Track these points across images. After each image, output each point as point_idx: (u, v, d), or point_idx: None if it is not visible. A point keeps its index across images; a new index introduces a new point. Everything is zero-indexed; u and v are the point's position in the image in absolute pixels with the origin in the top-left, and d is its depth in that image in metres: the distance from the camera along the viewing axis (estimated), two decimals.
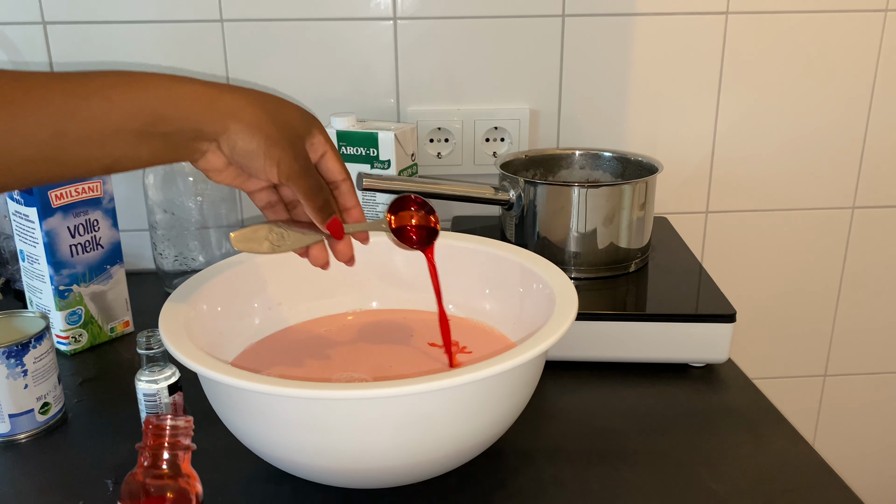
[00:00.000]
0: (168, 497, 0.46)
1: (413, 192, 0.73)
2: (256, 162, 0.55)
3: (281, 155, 0.55)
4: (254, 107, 0.55)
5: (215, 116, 0.54)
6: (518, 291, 0.72)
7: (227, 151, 0.55)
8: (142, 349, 0.66)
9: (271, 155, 0.55)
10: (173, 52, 1.01)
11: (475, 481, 0.63)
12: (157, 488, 0.46)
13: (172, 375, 0.67)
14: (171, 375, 0.66)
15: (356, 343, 0.73)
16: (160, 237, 0.95)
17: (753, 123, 1.08)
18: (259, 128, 0.54)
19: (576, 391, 0.77)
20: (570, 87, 1.05)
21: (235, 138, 0.54)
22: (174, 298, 0.65)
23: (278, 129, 0.55)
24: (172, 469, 0.47)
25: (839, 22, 1.04)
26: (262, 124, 0.55)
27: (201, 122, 0.53)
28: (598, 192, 0.86)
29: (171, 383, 0.66)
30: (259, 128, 0.54)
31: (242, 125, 0.54)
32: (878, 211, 1.14)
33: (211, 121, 0.54)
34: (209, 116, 0.53)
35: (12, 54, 1.00)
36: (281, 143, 0.55)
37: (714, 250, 1.14)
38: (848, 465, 1.27)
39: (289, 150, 0.56)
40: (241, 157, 0.55)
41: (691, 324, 0.78)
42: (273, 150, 0.55)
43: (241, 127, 0.54)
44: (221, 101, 0.54)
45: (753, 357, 1.20)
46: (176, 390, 0.67)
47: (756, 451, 0.67)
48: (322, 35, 1.01)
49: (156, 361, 0.66)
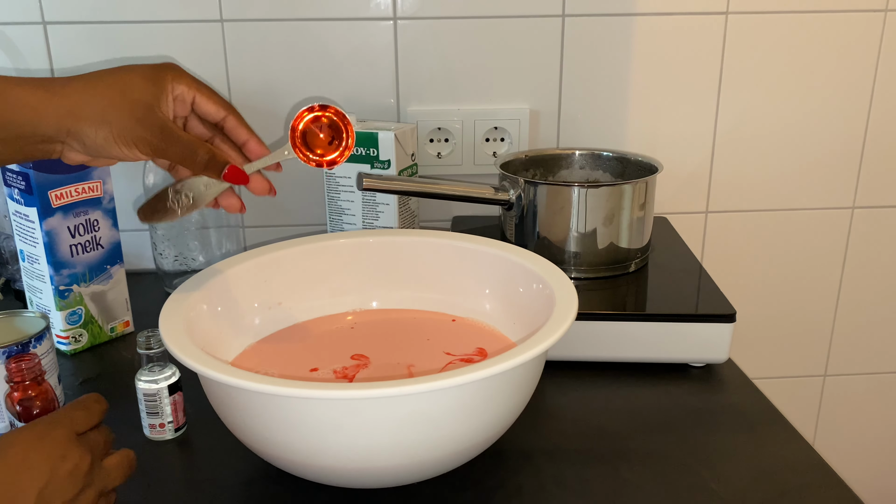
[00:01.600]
0: (36, 404, 0.61)
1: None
2: (113, 151, 0.54)
3: (134, 135, 0.54)
4: (92, 97, 0.54)
5: (51, 120, 0.53)
6: (518, 291, 0.72)
7: (80, 148, 0.55)
8: (142, 349, 0.66)
9: (123, 140, 0.54)
10: (173, 53, 1.01)
11: (475, 481, 0.63)
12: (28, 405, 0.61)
13: (172, 375, 0.67)
14: (171, 375, 0.67)
15: (356, 343, 0.73)
16: (160, 237, 0.95)
17: (753, 123, 1.08)
18: (102, 118, 0.53)
19: (576, 391, 0.77)
20: (570, 87, 1.05)
21: (81, 136, 0.54)
22: (174, 298, 0.65)
23: (123, 111, 0.54)
24: (33, 389, 0.62)
25: (839, 22, 1.04)
26: (104, 113, 0.53)
27: (37, 126, 0.53)
28: (598, 192, 0.86)
29: (172, 383, 0.66)
30: (102, 118, 0.53)
31: (83, 122, 0.53)
32: (878, 211, 1.14)
33: (48, 125, 0.53)
34: (45, 121, 0.53)
35: (12, 54, 1.00)
36: (129, 124, 0.54)
37: (714, 250, 1.14)
38: (848, 465, 1.27)
39: (140, 127, 0.54)
40: (96, 150, 0.55)
41: (691, 324, 0.78)
42: (123, 134, 0.54)
43: (82, 125, 0.53)
44: (53, 102, 0.53)
45: (753, 357, 1.20)
46: (176, 390, 0.67)
47: (756, 450, 0.67)
48: (322, 35, 1.01)
49: (156, 361, 0.66)
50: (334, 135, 0.61)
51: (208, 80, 1.02)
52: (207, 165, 0.57)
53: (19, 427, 0.52)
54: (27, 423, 0.52)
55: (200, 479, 0.61)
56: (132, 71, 0.56)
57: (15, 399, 0.60)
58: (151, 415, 0.67)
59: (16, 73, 1.00)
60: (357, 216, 0.97)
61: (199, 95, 0.58)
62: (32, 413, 0.60)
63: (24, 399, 0.60)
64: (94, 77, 0.55)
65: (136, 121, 0.54)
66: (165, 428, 0.67)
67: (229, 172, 0.57)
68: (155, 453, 0.67)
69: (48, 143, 0.55)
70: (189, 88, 0.57)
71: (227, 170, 0.57)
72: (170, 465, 0.66)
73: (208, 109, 0.58)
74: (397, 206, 0.95)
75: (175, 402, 0.67)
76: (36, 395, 0.60)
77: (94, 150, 0.55)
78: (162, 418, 0.67)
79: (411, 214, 0.99)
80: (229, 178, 0.57)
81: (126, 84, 0.55)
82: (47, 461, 0.49)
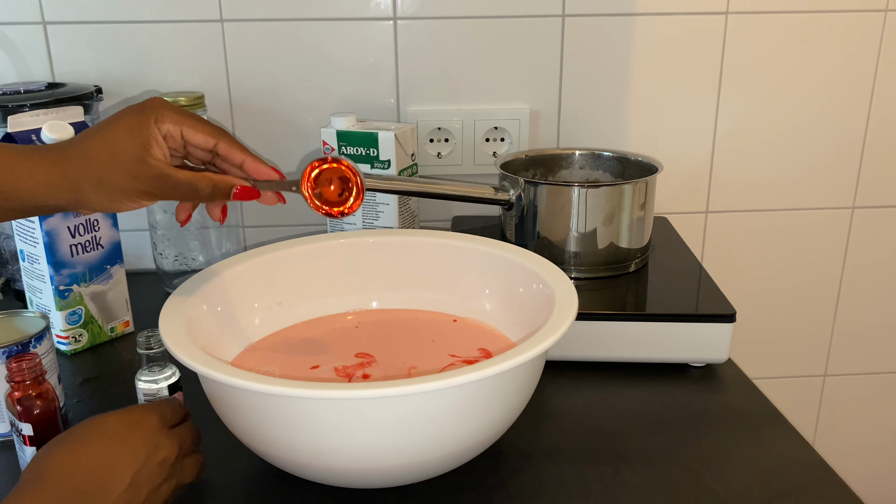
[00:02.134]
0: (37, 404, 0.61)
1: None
2: (121, 207, 0.58)
3: (134, 191, 0.57)
4: (86, 167, 0.56)
5: (59, 193, 0.57)
6: (518, 291, 0.72)
7: (89, 210, 0.59)
8: (142, 349, 0.66)
9: (126, 197, 0.57)
10: (173, 53, 1.01)
11: (475, 481, 0.63)
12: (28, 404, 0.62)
13: (172, 375, 0.67)
14: (171, 375, 0.66)
15: (356, 343, 0.73)
16: (160, 237, 0.95)
17: (753, 123, 1.08)
18: (100, 185, 0.56)
19: (576, 391, 0.77)
20: (570, 87, 1.05)
21: (88, 203, 0.57)
22: (174, 298, 0.65)
23: (117, 172, 0.56)
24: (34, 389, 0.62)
25: (839, 22, 1.04)
26: (101, 181, 0.56)
27: (47, 200, 0.57)
28: (598, 192, 0.86)
29: (172, 383, 0.66)
30: (100, 185, 0.56)
31: (85, 192, 0.56)
32: (878, 211, 1.14)
33: (57, 198, 0.57)
34: (53, 194, 0.57)
35: (12, 54, 1.00)
36: (126, 183, 0.56)
37: (714, 250, 1.14)
38: (848, 465, 1.27)
39: (138, 182, 0.56)
40: (109, 211, 0.58)
41: (691, 324, 0.78)
42: (124, 193, 0.57)
43: (85, 194, 0.57)
44: (54, 180, 0.56)
45: (753, 357, 1.20)
46: (176, 390, 0.67)
47: (756, 450, 0.67)
48: (322, 35, 1.01)
49: (156, 361, 0.66)
50: (344, 188, 0.63)
51: (208, 80, 1.02)
52: (213, 194, 0.59)
53: (110, 411, 0.55)
54: (118, 410, 0.55)
55: (200, 479, 0.61)
56: (117, 124, 0.57)
57: (15, 398, 0.60)
58: None
59: (16, 74, 1.00)
60: (357, 216, 0.97)
61: (186, 129, 0.59)
62: (33, 413, 0.60)
63: (25, 398, 0.60)
64: (81, 145, 0.57)
65: (132, 178, 0.56)
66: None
67: (240, 192, 0.60)
68: None
69: (61, 209, 0.59)
70: (174, 125, 0.58)
71: (237, 191, 0.59)
72: None
73: (197, 141, 0.59)
74: (397, 206, 0.95)
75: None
76: (36, 394, 0.60)
77: (106, 211, 0.59)
78: None
79: (411, 214, 0.99)
80: (240, 196, 0.60)
81: (113, 142, 0.57)
82: (144, 447, 0.53)
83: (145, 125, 0.57)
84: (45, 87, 0.95)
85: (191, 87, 1.02)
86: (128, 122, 0.57)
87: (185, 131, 0.59)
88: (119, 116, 0.58)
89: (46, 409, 0.60)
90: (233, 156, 0.61)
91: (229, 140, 0.61)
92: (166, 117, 0.58)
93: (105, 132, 0.57)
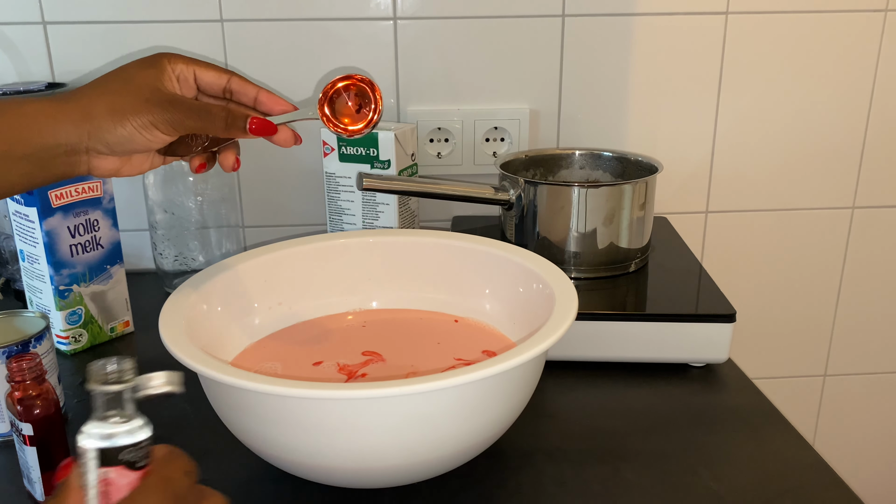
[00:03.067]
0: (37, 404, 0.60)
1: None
2: (136, 139, 0.55)
3: (149, 117, 0.54)
4: (99, 95, 0.55)
5: (69, 127, 0.54)
6: (518, 291, 0.72)
7: (106, 149, 0.55)
8: (96, 383, 0.39)
9: (141, 124, 0.54)
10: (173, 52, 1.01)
11: (475, 481, 0.63)
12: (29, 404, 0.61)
13: (139, 430, 0.39)
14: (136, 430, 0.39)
15: (356, 343, 0.73)
16: (160, 237, 0.95)
17: (753, 123, 1.08)
18: (114, 110, 0.54)
19: (576, 391, 0.77)
20: (570, 87, 1.05)
21: (101, 134, 0.54)
22: (174, 298, 0.65)
23: (130, 97, 0.55)
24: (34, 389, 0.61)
25: (839, 22, 1.04)
26: (114, 105, 0.54)
27: (58, 135, 0.54)
28: (598, 192, 0.86)
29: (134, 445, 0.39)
30: (114, 110, 0.54)
31: (98, 119, 0.54)
32: (878, 211, 1.14)
33: (67, 132, 0.54)
34: (64, 128, 0.54)
35: (12, 54, 1.00)
36: (140, 107, 0.54)
37: (714, 250, 1.14)
38: (848, 465, 1.27)
39: (151, 105, 0.55)
40: (121, 146, 0.55)
41: (691, 324, 0.78)
42: (138, 119, 0.54)
43: (98, 122, 0.54)
44: (67, 109, 0.54)
45: (753, 357, 1.19)
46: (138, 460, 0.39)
47: (756, 451, 0.67)
48: (322, 35, 1.01)
49: (118, 405, 0.39)
50: (362, 103, 0.60)
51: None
52: (228, 123, 0.56)
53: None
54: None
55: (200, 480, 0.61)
56: (128, 65, 0.57)
57: (15, 398, 0.60)
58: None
59: (16, 74, 1.00)
60: (357, 216, 0.97)
61: (198, 69, 0.58)
62: (33, 413, 0.60)
63: (25, 398, 0.60)
64: (95, 82, 0.57)
65: (145, 101, 0.54)
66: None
67: (255, 124, 0.57)
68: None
69: (72, 155, 0.55)
70: (187, 65, 0.58)
71: (252, 122, 0.56)
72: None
73: (210, 79, 0.59)
74: (397, 206, 0.95)
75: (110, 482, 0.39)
76: (37, 394, 0.60)
77: (118, 146, 0.55)
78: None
79: (411, 214, 0.99)
80: (256, 130, 0.57)
81: (126, 75, 0.56)
82: None
83: (158, 61, 0.57)
84: (45, 87, 0.95)
85: None
86: (139, 61, 0.57)
87: (197, 71, 0.58)
88: (128, 63, 0.58)
89: (46, 409, 0.60)
90: (247, 89, 0.60)
91: (241, 77, 0.60)
92: (178, 59, 0.58)
93: (116, 72, 0.57)
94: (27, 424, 0.60)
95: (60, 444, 0.61)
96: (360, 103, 0.61)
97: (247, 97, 0.60)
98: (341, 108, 0.61)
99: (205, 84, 0.59)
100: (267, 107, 0.60)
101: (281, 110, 0.60)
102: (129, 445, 0.39)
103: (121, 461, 0.39)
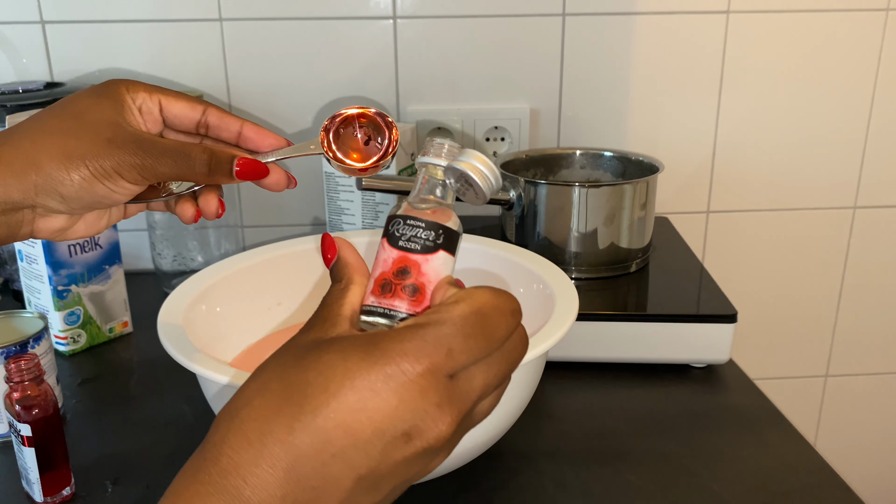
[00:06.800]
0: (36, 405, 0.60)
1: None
2: (96, 190, 0.44)
3: (111, 162, 0.43)
4: (46, 135, 0.44)
5: (8, 179, 0.43)
6: (518, 291, 0.72)
7: (59, 205, 0.44)
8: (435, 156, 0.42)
9: (102, 172, 0.43)
10: (172, 52, 1.01)
11: (475, 482, 0.62)
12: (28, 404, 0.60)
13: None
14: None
15: None
16: (159, 237, 0.95)
17: (754, 123, 1.08)
18: (66, 154, 0.43)
19: (576, 391, 0.77)
20: (570, 87, 1.05)
21: (53, 185, 0.43)
22: (173, 298, 0.64)
23: (87, 137, 0.43)
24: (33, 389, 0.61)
25: (840, 21, 1.04)
26: (67, 148, 0.43)
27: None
28: (598, 192, 0.85)
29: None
30: (66, 154, 0.43)
31: (47, 167, 0.43)
32: (879, 211, 1.14)
33: (5, 185, 0.43)
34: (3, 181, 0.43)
35: (11, 54, 1.00)
36: (100, 150, 0.43)
37: (715, 250, 1.14)
38: (849, 466, 1.27)
39: (114, 148, 0.44)
40: (78, 200, 0.44)
41: (692, 324, 0.78)
42: (98, 165, 0.43)
43: (47, 170, 0.43)
44: (3, 157, 0.43)
45: (755, 357, 1.19)
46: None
47: (757, 451, 0.67)
48: (322, 34, 1.01)
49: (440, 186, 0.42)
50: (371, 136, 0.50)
51: (208, 80, 1.02)
52: (211, 168, 0.45)
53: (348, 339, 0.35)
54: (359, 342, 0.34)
55: None
56: (77, 97, 0.46)
57: (14, 399, 0.60)
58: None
59: (14, 73, 1.00)
60: (357, 216, 0.97)
61: (164, 98, 0.47)
62: (31, 413, 0.60)
63: (24, 399, 0.60)
64: (35, 118, 0.45)
65: (106, 142, 0.43)
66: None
67: (242, 166, 0.45)
68: (155, 452, 0.67)
69: (14, 212, 0.44)
70: (150, 94, 0.47)
71: (239, 164, 0.45)
72: (170, 465, 0.65)
73: (180, 111, 0.48)
74: None
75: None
76: (35, 395, 0.60)
77: (75, 201, 0.44)
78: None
79: None
80: (244, 173, 0.46)
81: (76, 109, 0.45)
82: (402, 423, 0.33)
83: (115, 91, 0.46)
84: (44, 86, 0.95)
85: (189, 86, 1.02)
86: (91, 92, 0.46)
87: (163, 101, 0.47)
88: (75, 94, 0.46)
89: (45, 409, 0.60)
90: (228, 123, 0.48)
91: (218, 108, 0.49)
92: (138, 87, 0.47)
93: (63, 105, 0.46)
94: (25, 425, 0.59)
95: (59, 445, 0.61)
96: (369, 135, 0.50)
97: (228, 132, 0.49)
98: (347, 140, 0.50)
99: (173, 117, 0.48)
100: (254, 143, 0.49)
101: (270, 145, 0.49)
102: (444, 228, 0.41)
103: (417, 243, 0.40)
